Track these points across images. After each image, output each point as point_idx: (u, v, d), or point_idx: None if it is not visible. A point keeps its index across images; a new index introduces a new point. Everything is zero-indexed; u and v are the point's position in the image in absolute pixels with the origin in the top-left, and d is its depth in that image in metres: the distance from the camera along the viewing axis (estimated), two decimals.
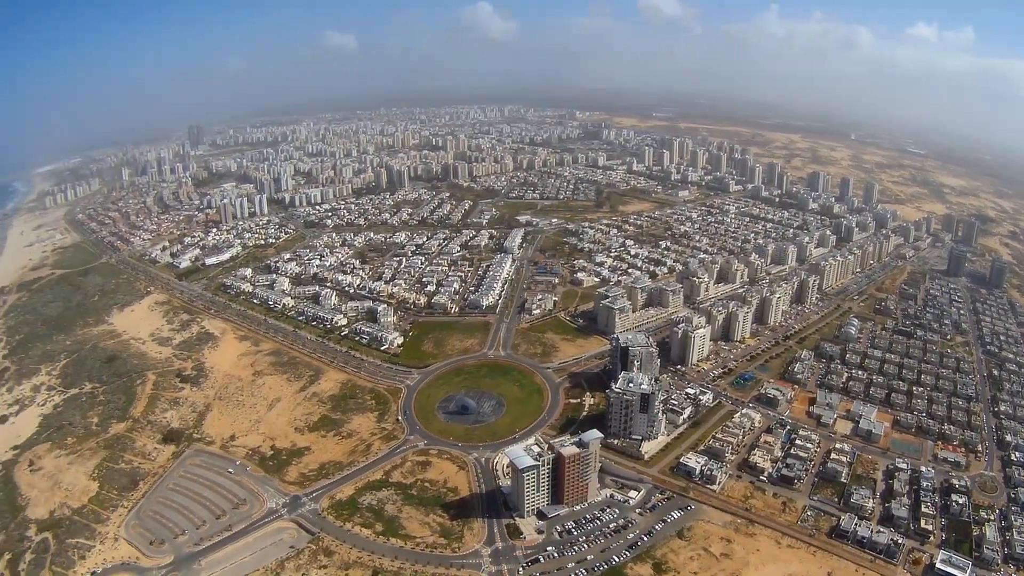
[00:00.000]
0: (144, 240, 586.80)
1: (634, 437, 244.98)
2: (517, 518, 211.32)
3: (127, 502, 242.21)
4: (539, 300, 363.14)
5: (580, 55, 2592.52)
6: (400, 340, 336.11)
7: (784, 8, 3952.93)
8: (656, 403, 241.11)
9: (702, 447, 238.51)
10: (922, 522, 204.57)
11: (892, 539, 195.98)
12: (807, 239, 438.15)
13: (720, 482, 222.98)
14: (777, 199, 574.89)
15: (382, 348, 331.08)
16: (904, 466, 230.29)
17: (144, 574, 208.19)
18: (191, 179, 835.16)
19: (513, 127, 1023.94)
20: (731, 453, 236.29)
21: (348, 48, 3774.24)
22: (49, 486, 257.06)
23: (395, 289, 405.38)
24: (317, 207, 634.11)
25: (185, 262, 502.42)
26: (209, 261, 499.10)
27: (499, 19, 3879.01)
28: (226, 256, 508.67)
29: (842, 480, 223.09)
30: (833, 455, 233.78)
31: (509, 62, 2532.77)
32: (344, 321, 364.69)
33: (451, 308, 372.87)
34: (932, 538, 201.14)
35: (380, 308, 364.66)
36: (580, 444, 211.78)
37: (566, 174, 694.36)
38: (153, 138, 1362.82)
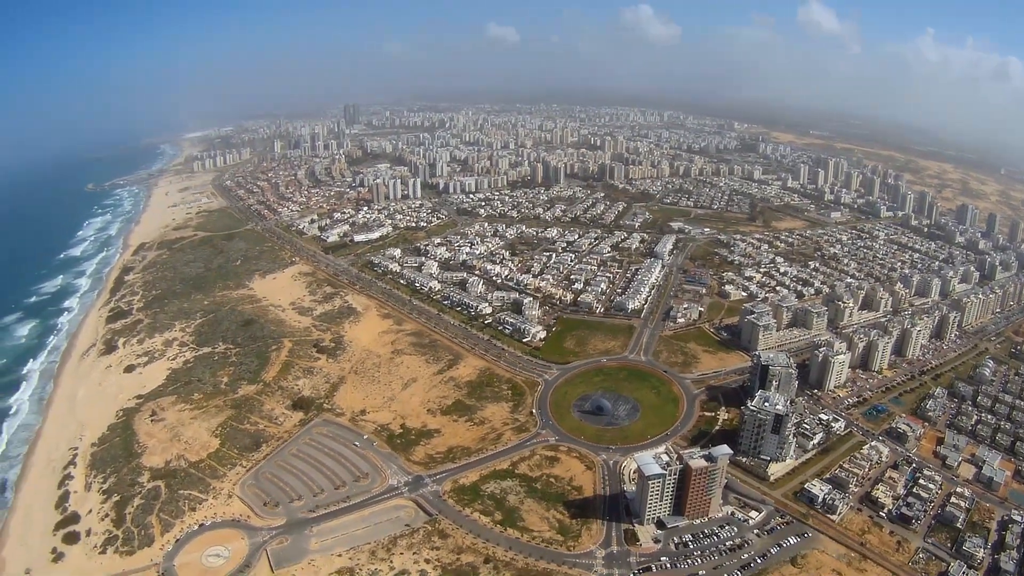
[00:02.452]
0: (292, 211, 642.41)
1: (762, 457, 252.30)
2: (636, 524, 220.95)
3: (246, 462, 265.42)
4: (685, 309, 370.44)
5: (739, 65, 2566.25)
6: (543, 334, 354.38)
7: (939, 32, 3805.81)
8: (789, 425, 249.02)
9: (828, 475, 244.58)
10: None
11: None
12: (951, 273, 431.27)
13: (841, 513, 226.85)
14: (925, 229, 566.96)
15: (524, 340, 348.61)
16: (1019, 518, 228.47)
17: (253, 533, 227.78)
18: (344, 156, 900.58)
19: (672, 132, 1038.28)
20: (855, 485, 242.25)
21: (509, 40, 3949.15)
22: (168, 437, 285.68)
23: (542, 283, 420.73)
24: (471, 195, 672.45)
25: (333, 236, 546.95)
26: (358, 238, 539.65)
27: (659, 23, 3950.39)
28: (375, 235, 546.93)
29: (958, 526, 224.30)
30: (953, 499, 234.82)
31: (669, 66, 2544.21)
32: (489, 310, 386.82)
33: (596, 308, 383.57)
34: None
35: (526, 300, 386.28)
36: (709, 458, 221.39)
37: (721, 184, 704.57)
38: (307, 113, 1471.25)
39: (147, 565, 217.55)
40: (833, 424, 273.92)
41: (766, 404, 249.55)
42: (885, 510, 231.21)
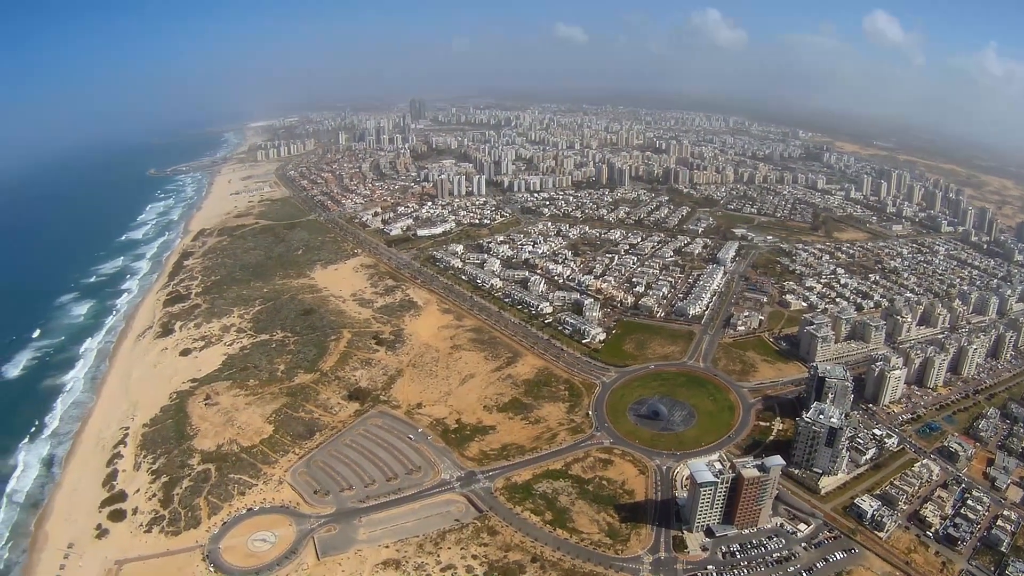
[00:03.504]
0: (356, 204, 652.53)
1: (815, 470, 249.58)
2: (685, 531, 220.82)
3: (299, 449, 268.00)
4: (745, 317, 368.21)
5: (805, 73, 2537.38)
6: (603, 336, 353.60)
7: (1003, 47, 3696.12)
8: (843, 439, 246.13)
9: (878, 491, 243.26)
10: None
11: None
12: (1009, 292, 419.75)
13: (888, 530, 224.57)
14: (985, 245, 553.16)
15: (584, 341, 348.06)
16: None
17: (301, 520, 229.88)
18: (409, 151, 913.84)
19: (736, 138, 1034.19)
20: (905, 503, 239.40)
21: (576, 40, 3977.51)
22: (222, 421, 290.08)
23: (604, 285, 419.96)
24: (535, 194, 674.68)
25: (396, 230, 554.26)
26: (421, 233, 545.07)
27: (726, 27, 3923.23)
28: (439, 230, 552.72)
29: (1003, 549, 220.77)
30: (999, 521, 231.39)
31: (734, 71, 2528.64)
32: (549, 309, 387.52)
33: (657, 312, 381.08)
34: None
35: (587, 302, 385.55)
36: (762, 468, 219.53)
37: (785, 192, 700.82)
38: (373, 107, 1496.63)
39: (192, 546, 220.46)
40: (886, 440, 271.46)
41: (821, 416, 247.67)
42: (932, 530, 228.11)
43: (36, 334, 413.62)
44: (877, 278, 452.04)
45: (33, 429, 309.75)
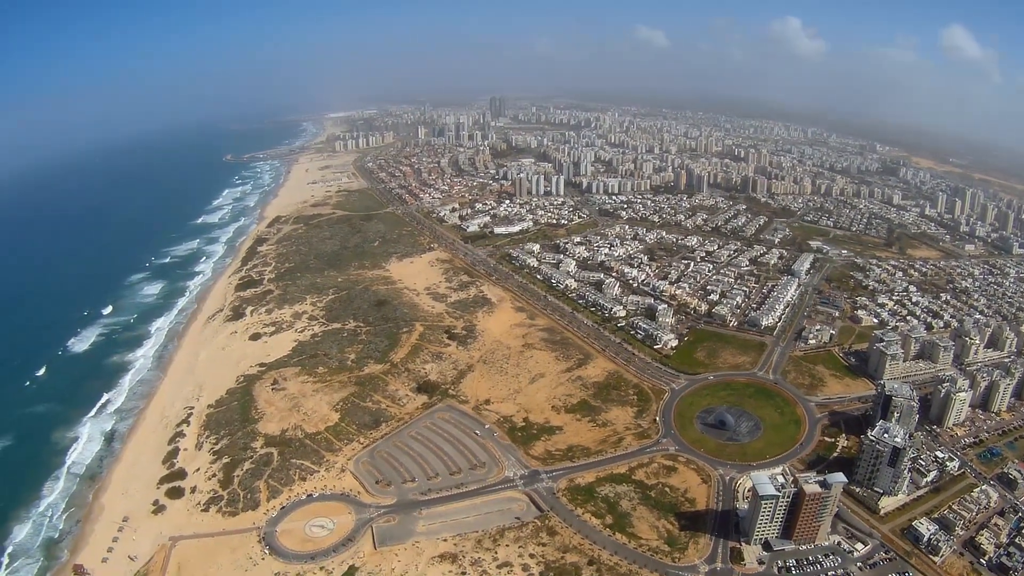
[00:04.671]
0: (434, 198, 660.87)
1: (876, 489, 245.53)
2: (743, 543, 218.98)
3: (364, 439, 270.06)
4: (817, 330, 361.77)
5: (883, 86, 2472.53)
6: (675, 342, 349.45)
7: None
8: (905, 459, 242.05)
9: (936, 515, 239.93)
10: None
11: None
12: None
13: (943, 555, 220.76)
14: None
15: (655, 347, 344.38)
16: None
17: (361, 509, 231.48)
18: (489, 148, 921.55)
19: (814, 149, 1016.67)
20: (961, 528, 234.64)
21: (657, 44, 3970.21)
22: (288, 407, 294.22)
23: (678, 291, 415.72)
24: (613, 197, 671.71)
25: (473, 227, 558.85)
26: (498, 230, 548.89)
27: (806, 37, 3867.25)
28: (516, 228, 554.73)
29: None
30: None
31: (813, 81, 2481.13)
32: (623, 313, 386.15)
33: (730, 321, 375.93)
34: None
35: (660, 307, 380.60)
36: (824, 484, 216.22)
37: (861, 206, 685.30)
38: (453, 102, 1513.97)
39: (248, 528, 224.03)
40: (948, 463, 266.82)
41: (885, 435, 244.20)
42: (986, 557, 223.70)
43: (108, 311, 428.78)
44: (948, 298, 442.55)
45: (99, 404, 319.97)
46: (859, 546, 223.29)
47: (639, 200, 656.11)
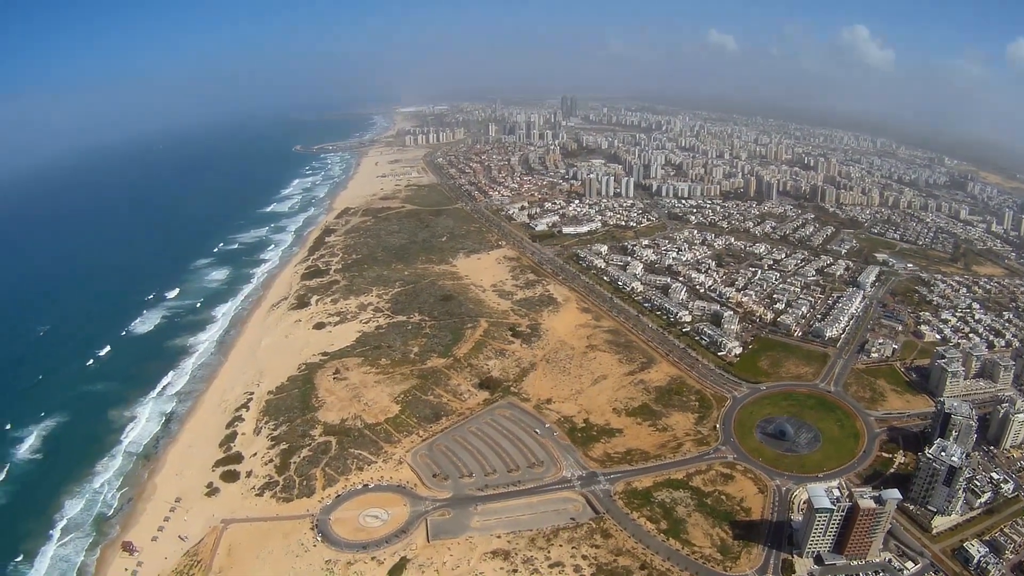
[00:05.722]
0: (503, 196, 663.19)
1: (929, 508, 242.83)
2: (795, 556, 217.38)
3: (424, 432, 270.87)
4: (880, 344, 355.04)
5: (951, 97, 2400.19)
6: (739, 350, 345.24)
7: None
8: (961, 479, 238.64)
9: (987, 537, 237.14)
10: None
11: None
12: None
13: None
14: None
15: (719, 353, 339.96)
16: None
17: (416, 501, 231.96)
18: (559, 148, 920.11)
19: (883, 160, 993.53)
20: (1011, 552, 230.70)
21: (728, 49, 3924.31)
22: (348, 397, 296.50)
23: (744, 298, 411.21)
24: (683, 201, 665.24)
25: (542, 226, 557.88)
26: (566, 230, 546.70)
27: (875, 46, 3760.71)
28: (584, 229, 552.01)
29: None
30: None
31: (882, 91, 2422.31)
32: (688, 318, 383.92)
33: (794, 331, 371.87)
34: None
35: (726, 314, 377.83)
36: (878, 500, 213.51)
37: (927, 220, 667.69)
38: (523, 100, 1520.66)
39: (302, 514, 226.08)
40: (1003, 485, 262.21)
41: (943, 454, 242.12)
42: None
43: (173, 294, 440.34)
44: (1011, 316, 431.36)
45: (160, 386, 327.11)
46: (909, 564, 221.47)
47: (708, 205, 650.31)
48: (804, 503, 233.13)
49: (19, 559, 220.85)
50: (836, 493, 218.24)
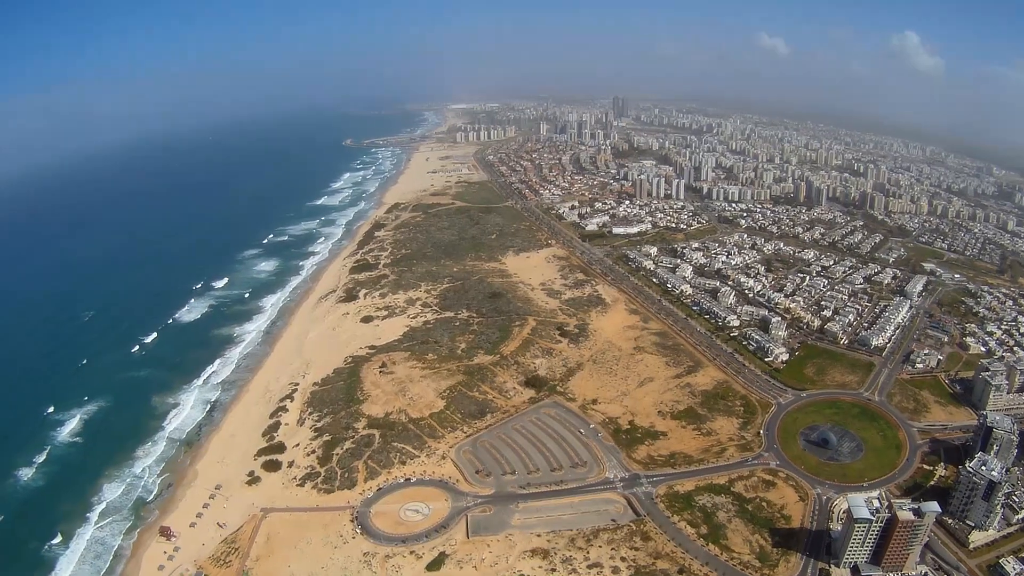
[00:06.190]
0: (553, 195, 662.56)
1: (967, 522, 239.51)
2: (833, 565, 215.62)
3: (468, 428, 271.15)
4: (925, 355, 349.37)
5: (1000, 106, 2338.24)
6: (785, 356, 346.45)
7: None
8: (1000, 494, 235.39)
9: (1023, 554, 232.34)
10: None
11: None
12: None
13: None
14: None
15: (766, 359, 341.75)
16: None
17: (458, 497, 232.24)
18: (610, 148, 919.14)
19: (932, 168, 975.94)
20: None
21: (779, 52, 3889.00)
22: (394, 391, 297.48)
23: (792, 304, 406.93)
24: (733, 204, 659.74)
25: (592, 225, 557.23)
26: (616, 230, 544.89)
27: (925, 53, 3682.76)
28: (634, 230, 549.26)
29: None
30: None
31: (931, 98, 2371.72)
32: (736, 323, 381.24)
33: (841, 338, 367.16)
34: None
35: (774, 320, 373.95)
36: (917, 512, 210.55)
37: (976, 230, 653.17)
38: (575, 100, 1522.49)
39: (342, 506, 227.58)
40: None
41: (983, 468, 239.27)
42: None
43: (221, 284, 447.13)
44: None
45: (205, 374, 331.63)
46: None
47: (758, 209, 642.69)
48: (843, 513, 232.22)
49: (56, 540, 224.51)
50: (876, 504, 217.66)
